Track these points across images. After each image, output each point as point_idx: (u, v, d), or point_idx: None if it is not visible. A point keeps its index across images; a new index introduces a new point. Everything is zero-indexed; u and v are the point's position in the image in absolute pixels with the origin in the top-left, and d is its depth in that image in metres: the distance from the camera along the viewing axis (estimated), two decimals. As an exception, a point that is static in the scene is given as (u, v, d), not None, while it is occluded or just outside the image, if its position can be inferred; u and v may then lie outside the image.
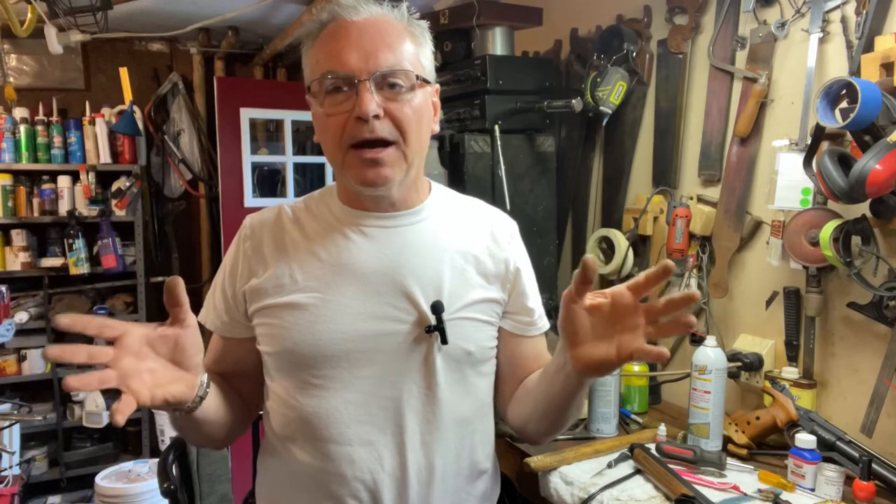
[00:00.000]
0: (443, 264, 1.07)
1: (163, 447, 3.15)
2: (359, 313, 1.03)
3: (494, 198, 1.94)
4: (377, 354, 1.03)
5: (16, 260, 3.17)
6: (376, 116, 0.96)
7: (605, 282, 2.19)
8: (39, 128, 3.21)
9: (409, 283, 1.04)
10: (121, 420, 0.76)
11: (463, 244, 1.10)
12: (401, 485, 1.04)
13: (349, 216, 1.07)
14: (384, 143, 0.98)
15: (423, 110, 1.02)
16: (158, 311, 3.62)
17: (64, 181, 3.25)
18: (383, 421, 1.03)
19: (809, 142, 1.49)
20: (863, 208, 1.43)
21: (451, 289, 1.06)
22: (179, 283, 0.85)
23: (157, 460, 1.61)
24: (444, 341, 1.02)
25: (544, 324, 1.21)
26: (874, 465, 1.30)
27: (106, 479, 2.79)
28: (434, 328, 1.02)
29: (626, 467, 1.45)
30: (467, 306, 1.07)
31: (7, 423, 2.57)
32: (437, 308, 1.02)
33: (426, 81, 1.03)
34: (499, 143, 1.91)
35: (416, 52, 1.02)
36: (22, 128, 3.17)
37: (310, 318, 1.02)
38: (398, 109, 0.98)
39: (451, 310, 1.04)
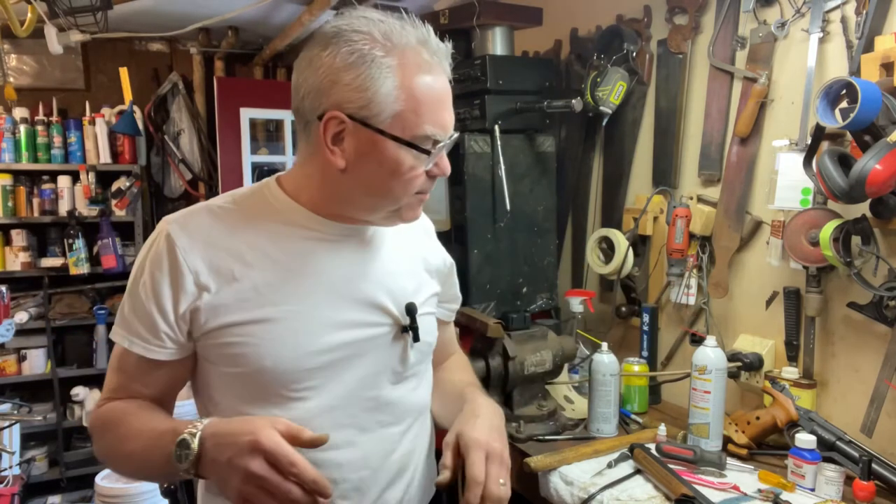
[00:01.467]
0: (401, 266, 1.12)
1: (163, 447, 3.15)
2: (336, 322, 1.02)
3: (494, 198, 1.94)
4: (356, 359, 1.04)
5: (16, 260, 3.17)
6: None
7: (606, 281, 2.19)
8: (39, 128, 3.21)
9: (375, 287, 1.06)
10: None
11: (411, 245, 1.16)
12: (386, 478, 1.07)
13: (316, 224, 1.03)
14: None
15: None
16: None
17: (64, 181, 3.25)
18: (365, 421, 1.05)
19: (809, 142, 1.49)
20: (863, 208, 1.43)
21: (413, 288, 1.11)
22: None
23: (157, 460, 1.60)
24: (416, 339, 1.07)
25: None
26: (874, 465, 1.30)
27: (106, 479, 2.79)
28: (409, 328, 1.07)
29: (626, 467, 1.45)
30: (424, 302, 1.12)
31: (7, 423, 2.57)
32: (411, 309, 1.06)
33: None
34: (499, 143, 1.91)
35: None
36: (22, 128, 3.18)
37: (287, 332, 0.99)
38: None
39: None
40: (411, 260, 1.14)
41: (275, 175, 1.09)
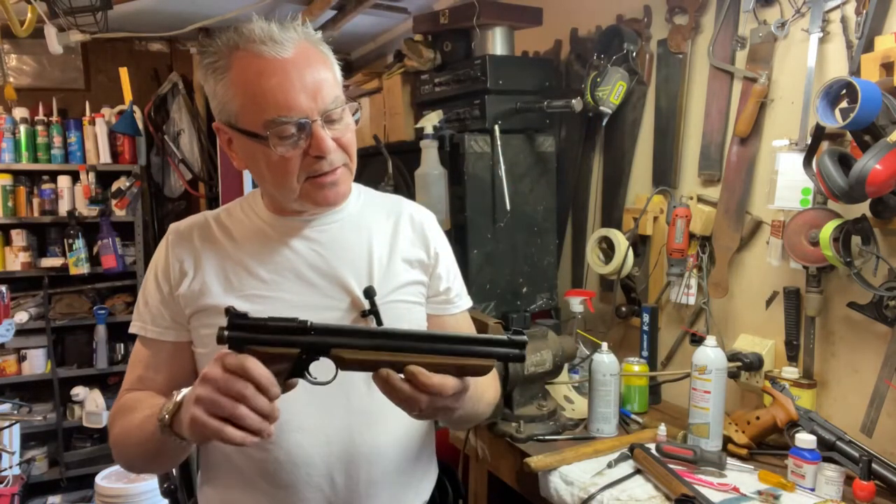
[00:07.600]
0: (370, 253, 1.15)
1: (163, 447, 3.15)
2: (298, 306, 1.07)
3: (494, 198, 1.94)
4: None
5: (16, 260, 3.17)
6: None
7: (606, 281, 2.19)
8: (39, 128, 3.21)
9: (342, 273, 1.11)
10: None
11: (385, 234, 1.18)
12: (350, 466, 1.09)
13: (279, 223, 1.13)
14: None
15: (354, 126, 1.09)
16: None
17: (64, 181, 3.26)
18: (330, 405, 1.08)
19: (809, 142, 1.49)
20: (863, 208, 1.43)
21: (381, 274, 1.14)
22: None
23: (156, 460, 1.60)
24: (379, 323, 1.09)
25: (463, 302, 1.28)
26: (874, 465, 1.30)
27: (106, 479, 2.79)
28: (369, 312, 1.09)
29: (626, 467, 1.45)
30: (397, 289, 1.15)
31: (7, 423, 2.57)
32: (369, 293, 1.09)
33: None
34: (499, 143, 1.91)
35: (335, 73, 1.07)
36: (22, 128, 3.18)
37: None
38: (344, 136, 1.06)
39: (383, 293, 1.12)
40: (384, 246, 1.16)
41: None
